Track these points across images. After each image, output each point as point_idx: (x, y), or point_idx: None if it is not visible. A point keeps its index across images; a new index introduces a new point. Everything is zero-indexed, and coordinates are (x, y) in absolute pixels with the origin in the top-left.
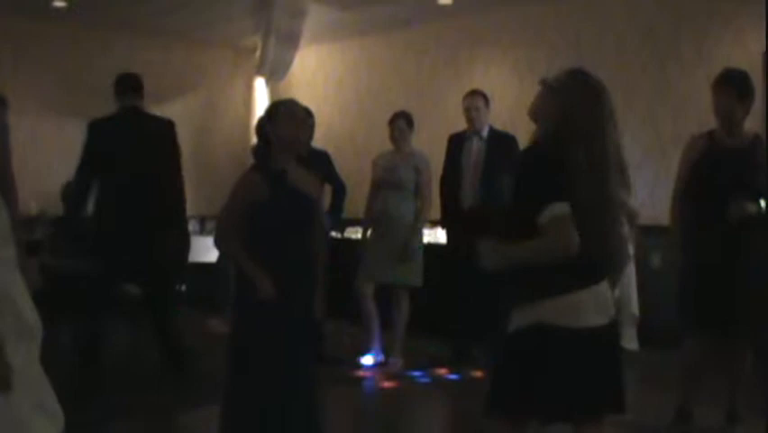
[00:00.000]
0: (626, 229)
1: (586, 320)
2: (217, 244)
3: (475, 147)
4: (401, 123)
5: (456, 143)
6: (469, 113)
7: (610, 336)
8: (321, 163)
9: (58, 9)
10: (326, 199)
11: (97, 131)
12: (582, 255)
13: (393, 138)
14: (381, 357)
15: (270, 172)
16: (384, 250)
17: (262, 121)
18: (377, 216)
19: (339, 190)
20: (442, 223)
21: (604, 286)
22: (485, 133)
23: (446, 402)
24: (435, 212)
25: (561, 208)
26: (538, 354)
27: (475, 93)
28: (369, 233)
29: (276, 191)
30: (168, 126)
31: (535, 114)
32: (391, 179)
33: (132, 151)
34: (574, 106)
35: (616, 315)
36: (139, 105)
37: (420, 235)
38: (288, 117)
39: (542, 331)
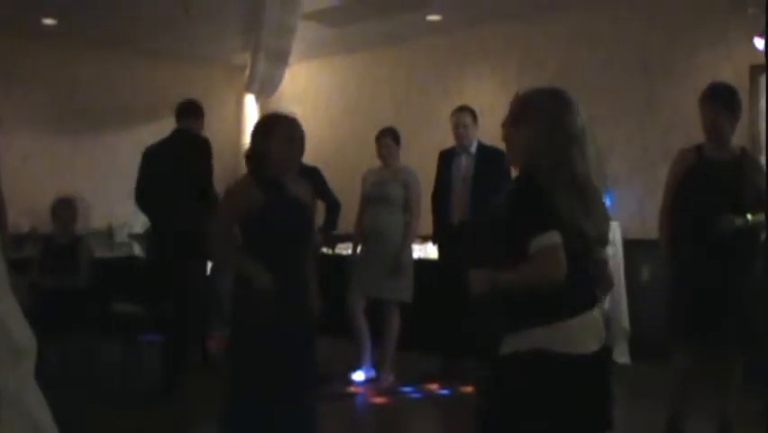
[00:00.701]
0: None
1: (579, 346)
2: (211, 249)
3: (464, 163)
4: (387, 139)
5: (446, 159)
6: (457, 129)
7: (602, 361)
8: (313, 180)
9: (48, 26)
10: (319, 216)
11: (146, 156)
12: (572, 282)
13: (380, 155)
14: (372, 373)
15: (265, 179)
16: (374, 265)
17: (257, 133)
18: (367, 231)
19: (333, 207)
20: (433, 238)
21: (597, 311)
22: (473, 148)
23: (437, 418)
24: (426, 227)
25: (550, 238)
26: (531, 379)
27: (463, 109)
28: (359, 248)
29: (271, 197)
30: (203, 144)
31: (512, 155)
32: (380, 195)
33: (176, 172)
34: (539, 132)
35: (607, 339)
36: (190, 127)
37: (410, 251)
38: (284, 137)
39: (535, 356)
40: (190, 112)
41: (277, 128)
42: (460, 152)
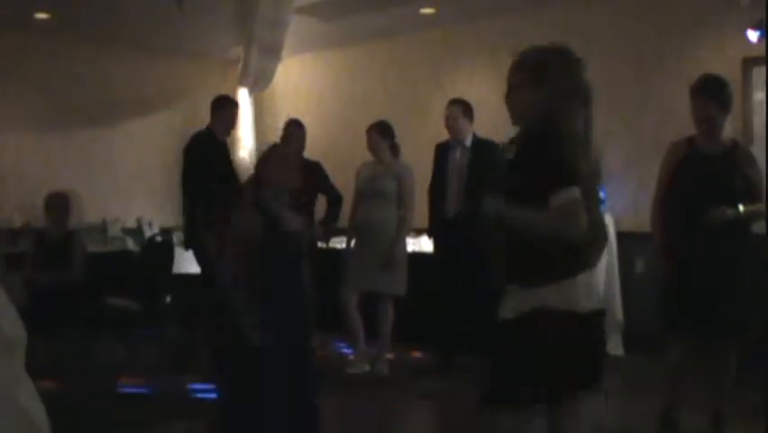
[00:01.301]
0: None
1: (583, 304)
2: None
3: (458, 156)
4: (373, 132)
5: (441, 153)
6: (448, 122)
7: (599, 320)
8: (315, 175)
9: (41, 21)
10: (320, 208)
11: None
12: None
13: (369, 148)
14: (367, 366)
15: (264, 214)
16: (367, 259)
17: (260, 162)
18: (360, 225)
19: (335, 201)
20: (429, 232)
21: (592, 271)
22: (468, 141)
23: (433, 410)
24: (421, 221)
25: (572, 193)
26: (538, 338)
27: (454, 102)
28: (353, 242)
29: (269, 235)
30: (189, 144)
31: (518, 116)
32: (373, 189)
33: (199, 170)
34: (553, 89)
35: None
36: (209, 125)
37: (403, 244)
38: (279, 165)
39: (541, 315)
40: (215, 108)
41: (270, 157)
42: (454, 146)
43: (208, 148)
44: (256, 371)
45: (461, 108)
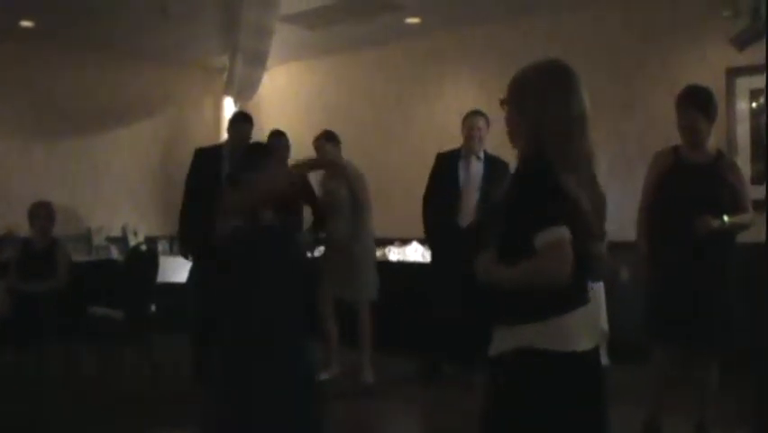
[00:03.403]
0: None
1: (575, 344)
2: None
3: (474, 167)
4: (321, 140)
5: (449, 162)
6: (471, 132)
7: (595, 361)
8: (299, 184)
9: (26, 29)
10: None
11: None
12: (573, 276)
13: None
14: (336, 372)
15: (246, 217)
16: (336, 267)
17: (245, 165)
18: (329, 234)
19: (318, 210)
20: (425, 240)
21: (592, 307)
22: (482, 154)
23: (418, 419)
24: (407, 230)
25: (558, 232)
26: (520, 380)
27: (477, 113)
28: (324, 252)
29: (251, 235)
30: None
31: (511, 137)
32: (332, 200)
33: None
34: (535, 112)
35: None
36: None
37: (368, 247)
38: (272, 176)
39: (526, 355)
40: (232, 120)
41: (266, 169)
42: (467, 155)
43: (206, 158)
44: (247, 376)
45: (485, 120)
